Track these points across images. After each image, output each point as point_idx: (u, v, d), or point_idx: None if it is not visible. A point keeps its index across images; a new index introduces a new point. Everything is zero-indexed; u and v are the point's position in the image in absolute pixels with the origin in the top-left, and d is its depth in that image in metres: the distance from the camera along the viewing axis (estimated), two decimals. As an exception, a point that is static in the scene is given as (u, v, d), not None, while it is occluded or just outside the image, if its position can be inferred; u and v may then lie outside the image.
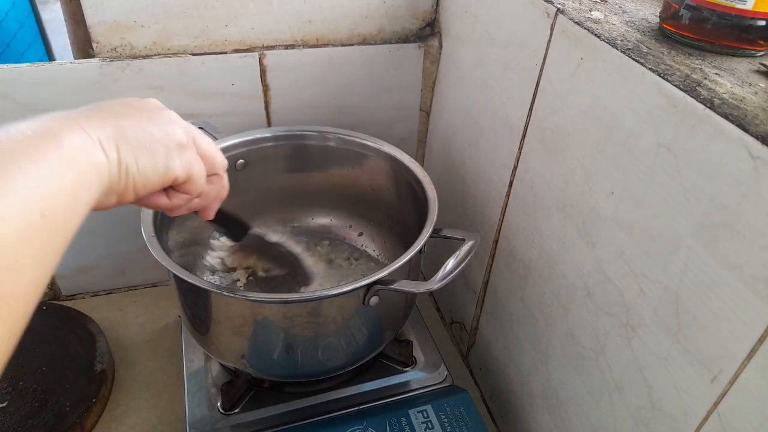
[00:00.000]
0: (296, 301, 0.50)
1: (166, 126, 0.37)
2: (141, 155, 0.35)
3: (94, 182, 0.31)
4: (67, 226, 0.29)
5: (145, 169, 0.35)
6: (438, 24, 0.74)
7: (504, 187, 0.60)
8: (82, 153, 0.31)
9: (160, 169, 0.36)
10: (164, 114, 0.38)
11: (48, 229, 0.27)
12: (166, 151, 0.36)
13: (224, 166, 0.44)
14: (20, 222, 0.25)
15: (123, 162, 0.33)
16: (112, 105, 0.36)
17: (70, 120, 0.32)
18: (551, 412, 0.56)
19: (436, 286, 0.49)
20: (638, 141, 0.40)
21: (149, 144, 0.35)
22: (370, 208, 0.74)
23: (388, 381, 0.63)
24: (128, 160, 0.34)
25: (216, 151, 0.42)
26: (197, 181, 0.40)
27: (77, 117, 0.32)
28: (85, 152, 0.31)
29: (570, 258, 0.50)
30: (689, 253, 0.37)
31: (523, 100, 0.55)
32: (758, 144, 0.31)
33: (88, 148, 0.31)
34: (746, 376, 0.34)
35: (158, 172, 0.36)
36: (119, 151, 0.33)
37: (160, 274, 0.82)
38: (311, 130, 0.69)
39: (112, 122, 0.34)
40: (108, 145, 0.32)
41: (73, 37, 0.66)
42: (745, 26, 0.39)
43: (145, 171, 0.35)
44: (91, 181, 0.31)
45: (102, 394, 0.65)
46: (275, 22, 0.68)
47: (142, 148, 0.35)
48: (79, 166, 0.30)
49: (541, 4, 0.50)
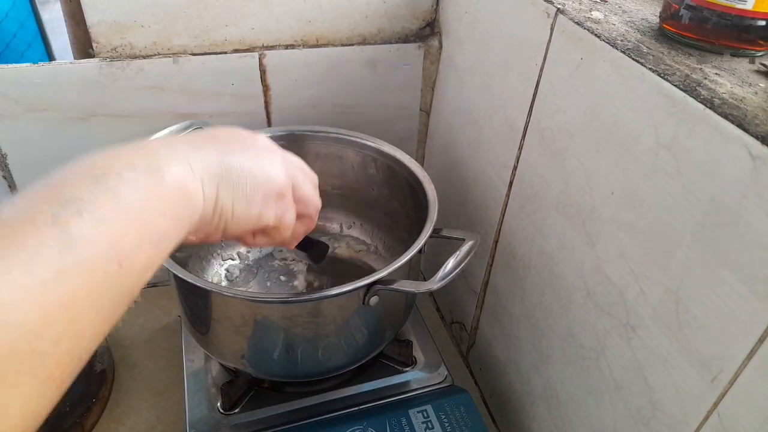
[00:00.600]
0: (296, 301, 0.50)
1: (269, 170, 0.36)
2: (238, 198, 0.33)
3: (185, 224, 0.29)
4: (145, 274, 0.27)
5: (239, 214, 0.34)
6: (438, 24, 0.74)
7: (504, 187, 0.60)
8: (181, 191, 0.29)
9: (253, 215, 0.35)
10: (271, 156, 0.37)
11: (123, 279, 0.24)
12: (264, 198, 0.35)
13: (317, 208, 0.43)
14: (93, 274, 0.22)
15: (219, 204, 0.32)
16: (221, 135, 0.35)
17: (179, 151, 0.30)
18: (551, 412, 0.56)
19: (436, 286, 0.49)
20: (638, 141, 0.40)
21: (250, 188, 0.34)
22: (370, 208, 0.74)
23: (388, 381, 0.63)
24: (225, 202, 0.32)
25: (313, 194, 0.42)
26: (285, 230, 0.39)
27: (186, 148, 0.31)
28: (185, 190, 0.29)
29: (570, 258, 0.50)
30: (689, 253, 0.37)
31: (523, 100, 0.55)
32: (758, 144, 0.31)
33: (189, 186, 0.29)
34: (746, 376, 0.34)
35: (251, 218, 0.35)
36: (218, 191, 0.32)
37: (160, 274, 0.82)
38: (311, 130, 0.69)
39: (218, 159, 0.32)
40: (209, 184, 0.31)
41: (73, 37, 0.66)
42: (745, 26, 0.39)
43: (239, 215, 0.34)
44: (183, 223, 0.29)
45: (102, 394, 0.65)
46: (275, 22, 0.68)
47: (241, 191, 0.34)
48: (175, 208, 0.28)
49: (541, 4, 0.50)
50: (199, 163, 0.31)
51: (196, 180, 0.30)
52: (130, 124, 0.67)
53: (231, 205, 0.33)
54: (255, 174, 0.35)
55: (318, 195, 0.43)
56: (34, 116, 0.64)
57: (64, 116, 0.65)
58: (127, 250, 0.24)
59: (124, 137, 0.72)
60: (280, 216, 0.38)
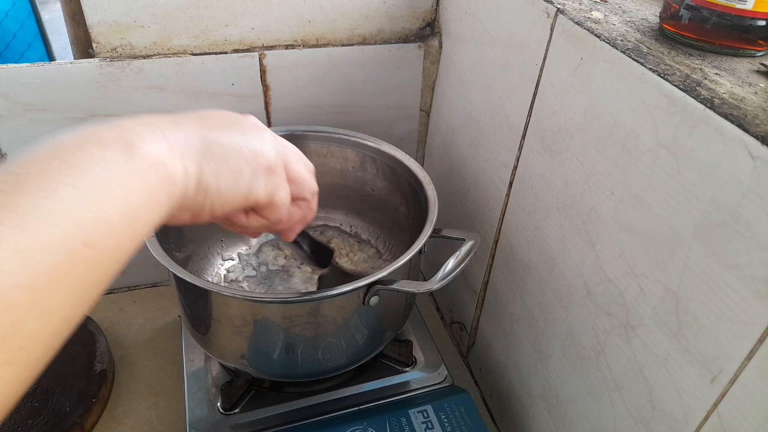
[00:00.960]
0: (296, 301, 0.50)
1: (256, 144, 0.35)
2: (224, 173, 0.32)
3: (162, 202, 0.28)
4: (118, 254, 0.25)
5: (225, 189, 0.32)
6: (438, 24, 0.74)
7: (504, 187, 0.60)
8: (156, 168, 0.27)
9: (241, 190, 0.33)
10: (259, 132, 0.36)
11: (94, 260, 0.23)
12: (252, 172, 0.34)
13: (314, 191, 0.42)
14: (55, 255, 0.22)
15: (203, 180, 0.31)
16: (207, 115, 0.34)
17: (155, 127, 0.29)
18: (551, 412, 0.56)
19: (436, 286, 0.49)
20: (638, 141, 0.40)
21: (235, 162, 0.33)
22: (370, 208, 0.74)
23: (388, 381, 0.63)
24: (208, 179, 0.31)
25: (307, 175, 0.40)
26: (279, 208, 0.37)
27: (165, 124, 0.30)
28: (161, 167, 0.28)
29: (570, 258, 0.50)
30: (689, 253, 0.37)
31: (523, 100, 0.55)
32: (758, 144, 0.31)
33: (166, 162, 0.28)
34: (746, 376, 0.34)
35: (239, 193, 0.33)
36: (201, 166, 0.30)
37: (160, 274, 0.82)
38: (311, 130, 0.69)
39: (201, 134, 0.31)
40: (190, 159, 0.30)
41: (73, 37, 0.66)
42: (745, 26, 0.39)
43: (226, 191, 0.32)
44: (160, 202, 0.28)
45: (102, 394, 0.65)
46: (275, 22, 0.68)
47: (227, 166, 0.32)
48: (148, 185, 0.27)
49: (541, 4, 0.50)
50: (179, 138, 0.30)
51: (174, 156, 0.29)
52: (130, 124, 0.67)
53: (216, 181, 0.31)
54: (241, 148, 0.33)
55: (314, 180, 0.42)
56: (34, 116, 0.64)
57: (64, 116, 0.65)
58: (93, 230, 0.23)
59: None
60: (271, 192, 0.36)
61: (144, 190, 0.26)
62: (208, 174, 0.31)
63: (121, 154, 0.26)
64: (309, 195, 0.41)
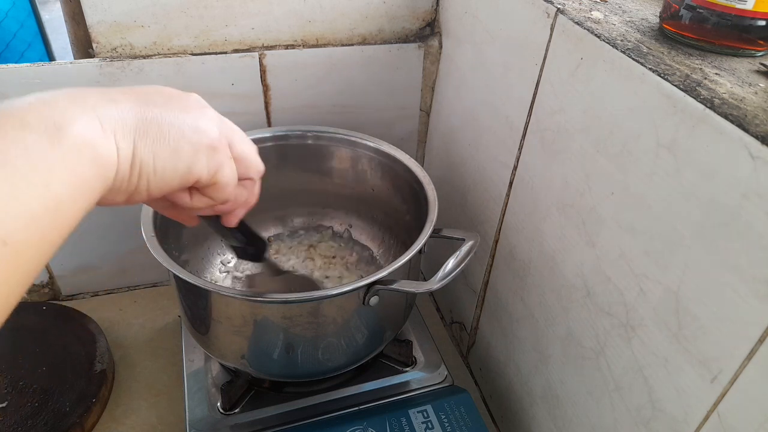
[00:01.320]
0: (296, 301, 0.50)
1: (199, 122, 0.33)
2: (161, 152, 0.30)
3: (93, 187, 0.26)
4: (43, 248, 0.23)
5: (162, 169, 0.30)
6: (438, 24, 0.74)
7: (504, 187, 0.60)
8: (85, 151, 0.25)
9: (180, 169, 0.31)
10: (201, 110, 0.34)
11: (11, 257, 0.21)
12: (193, 150, 0.32)
13: (260, 172, 0.40)
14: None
15: (137, 159, 0.29)
16: (146, 91, 0.31)
17: (87, 103, 0.27)
18: (551, 412, 0.56)
19: (436, 286, 0.49)
20: (638, 141, 0.40)
21: (174, 139, 0.31)
22: (370, 208, 0.74)
23: (388, 381, 0.63)
24: (144, 157, 0.29)
25: (253, 155, 0.38)
26: (224, 187, 0.35)
27: (98, 99, 0.27)
28: (91, 149, 0.26)
29: (570, 258, 0.50)
30: (689, 253, 0.37)
31: (523, 100, 0.55)
32: (758, 144, 0.31)
33: (96, 143, 0.26)
34: (746, 376, 0.34)
35: (178, 172, 0.31)
36: (135, 145, 0.29)
37: (160, 274, 0.82)
38: (311, 130, 0.69)
39: (136, 110, 0.29)
40: (123, 138, 0.28)
41: (73, 37, 0.66)
42: (745, 26, 0.39)
43: (163, 170, 0.30)
44: (91, 187, 0.26)
45: (102, 394, 0.65)
46: (275, 22, 0.68)
47: (165, 143, 0.30)
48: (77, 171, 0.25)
49: (541, 4, 0.50)
50: (112, 115, 0.27)
51: (107, 136, 0.27)
52: (130, 124, 0.67)
53: (152, 160, 0.29)
54: (180, 125, 0.31)
55: (260, 160, 0.39)
56: (34, 116, 0.64)
57: (64, 116, 0.65)
58: (11, 226, 0.21)
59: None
60: (214, 170, 0.34)
61: (72, 177, 0.24)
62: (143, 153, 0.29)
63: (45, 138, 0.24)
64: (255, 174, 0.39)
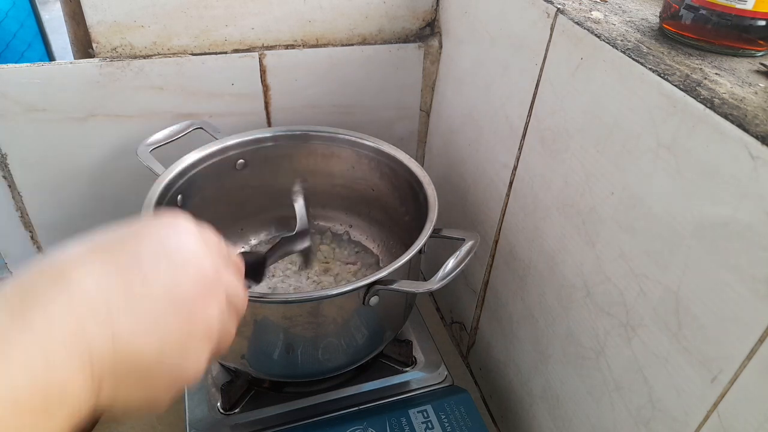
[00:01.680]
0: (296, 301, 0.50)
1: (191, 358, 0.30)
2: (135, 392, 0.27)
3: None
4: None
5: (131, 404, 0.27)
6: (438, 24, 0.74)
7: (504, 187, 0.60)
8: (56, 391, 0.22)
9: (151, 403, 0.29)
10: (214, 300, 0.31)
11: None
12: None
13: (246, 306, 0.36)
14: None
15: (103, 399, 0.25)
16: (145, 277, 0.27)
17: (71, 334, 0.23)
18: (551, 412, 0.56)
19: (436, 286, 0.49)
20: (638, 141, 0.40)
21: (155, 379, 0.28)
22: (370, 208, 0.74)
23: (388, 381, 0.63)
24: (113, 396, 0.26)
25: (244, 304, 0.35)
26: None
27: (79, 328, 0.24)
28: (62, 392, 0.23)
29: (570, 258, 0.50)
30: (689, 253, 0.37)
31: (523, 100, 0.55)
32: (758, 144, 0.31)
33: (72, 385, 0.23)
34: (746, 376, 0.34)
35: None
36: (105, 389, 0.25)
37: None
38: (311, 130, 0.69)
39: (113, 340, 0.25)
40: (100, 384, 0.24)
41: (73, 37, 0.66)
42: (745, 26, 0.39)
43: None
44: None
45: (102, 394, 0.65)
46: (275, 22, 0.68)
47: (143, 384, 0.27)
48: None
49: (541, 4, 0.50)
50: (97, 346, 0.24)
51: (86, 378, 0.24)
52: (130, 125, 0.67)
53: (124, 399, 0.27)
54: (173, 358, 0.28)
55: (243, 286, 0.35)
56: (33, 116, 0.64)
57: (64, 116, 0.65)
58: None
59: (123, 137, 0.72)
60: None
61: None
62: (114, 393, 0.26)
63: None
64: (243, 312, 0.36)
